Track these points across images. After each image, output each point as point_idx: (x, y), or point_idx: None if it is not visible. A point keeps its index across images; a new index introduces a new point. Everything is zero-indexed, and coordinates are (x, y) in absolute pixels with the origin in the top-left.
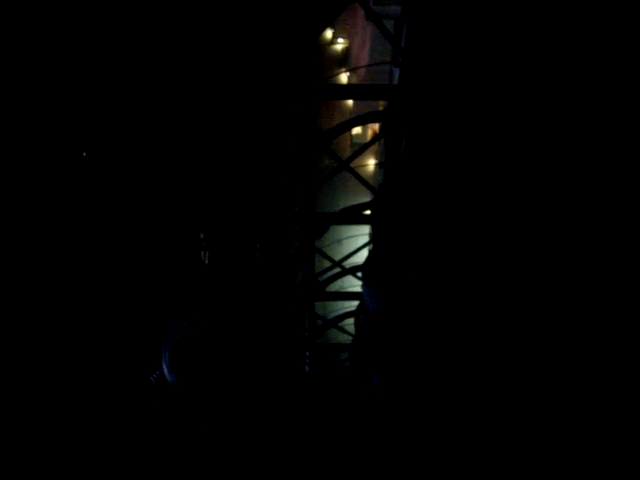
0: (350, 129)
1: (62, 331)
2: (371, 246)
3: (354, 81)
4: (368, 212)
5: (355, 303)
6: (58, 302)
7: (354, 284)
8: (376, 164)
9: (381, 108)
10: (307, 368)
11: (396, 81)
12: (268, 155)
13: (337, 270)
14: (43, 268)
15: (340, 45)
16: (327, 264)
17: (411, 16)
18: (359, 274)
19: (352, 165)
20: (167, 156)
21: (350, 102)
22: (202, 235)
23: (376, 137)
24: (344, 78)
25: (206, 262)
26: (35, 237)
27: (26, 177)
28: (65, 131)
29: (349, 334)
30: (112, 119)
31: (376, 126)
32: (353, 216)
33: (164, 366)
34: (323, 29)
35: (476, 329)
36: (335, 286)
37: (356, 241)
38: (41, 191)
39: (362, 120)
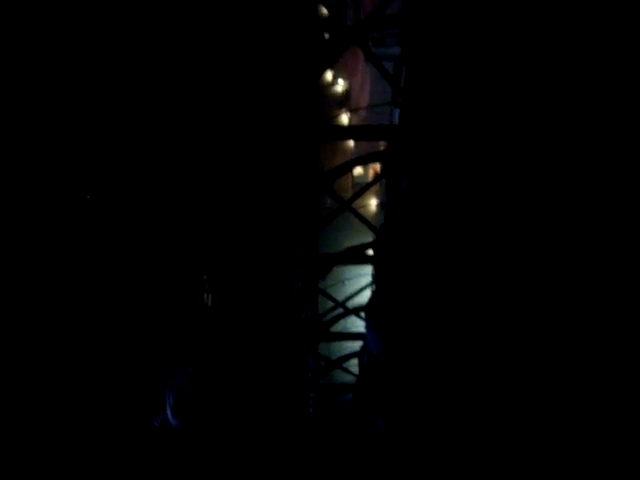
0: (351, 169)
1: (70, 373)
2: (374, 286)
3: (355, 122)
4: (371, 252)
5: (359, 343)
6: (63, 346)
7: (358, 324)
8: (378, 204)
9: (382, 148)
10: (311, 409)
11: (396, 121)
12: (271, 197)
13: (340, 311)
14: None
15: (340, 86)
16: (330, 304)
17: (410, 58)
18: (363, 314)
19: (354, 205)
20: (170, 197)
21: (351, 142)
22: (205, 277)
23: (377, 177)
24: (345, 119)
25: (209, 304)
26: (46, 291)
27: (33, 226)
28: (71, 176)
29: (353, 375)
30: (123, 166)
31: (377, 166)
32: (356, 256)
33: (168, 410)
34: (323, 71)
35: (477, 375)
36: (339, 326)
37: (359, 281)
38: (49, 238)
39: (363, 160)
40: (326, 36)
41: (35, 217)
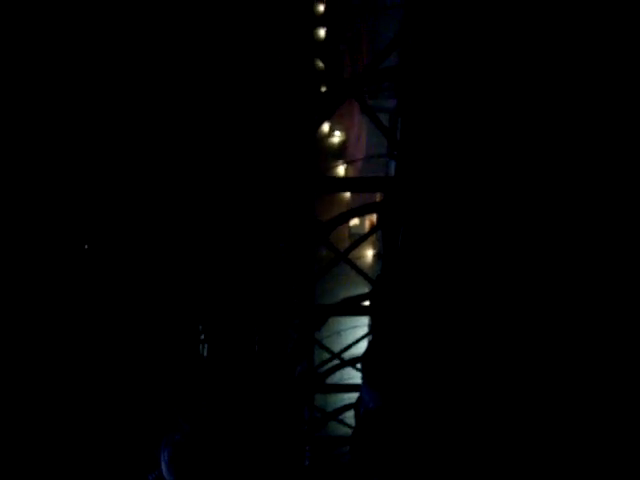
0: (348, 221)
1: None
2: (370, 337)
3: (351, 173)
4: (367, 303)
5: (356, 395)
6: (58, 398)
7: (354, 376)
8: (374, 255)
9: (378, 199)
10: (307, 462)
11: (392, 173)
12: (267, 247)
13: (337, 362)
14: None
15: (337, 138)
16: (326, 355)
17: (406, 111)
18: (359, 366)
19: (350, 256)
20: (167, 246)
21: (347, 193)
22: (201, 327)
23: (374, 229)
24: (341, 170)
25: (205, 354)
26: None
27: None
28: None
29: (350, 427)
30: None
31: (374, 216)
32: (352, 307)
33: (163, 465)
34: (321, 124)
35: (474, 435)
36: (335, 378)
37: (355, 332)
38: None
39: (359, 212)
40: (323, 89)
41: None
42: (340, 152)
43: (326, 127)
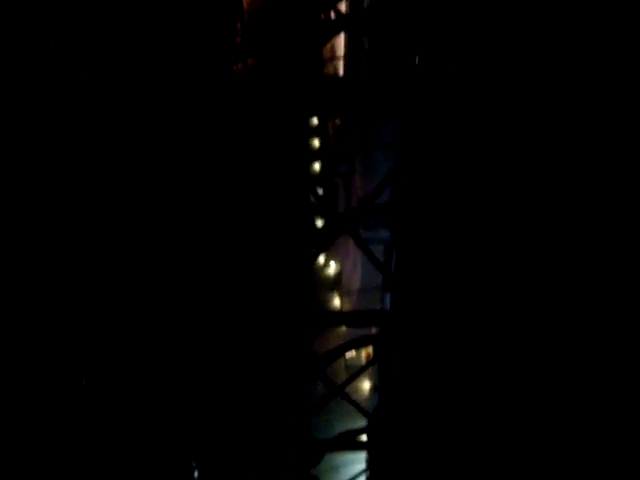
0: (344, 354)
1: None
2: (368, 473)
3: (347, 304)
4: (364, 438)
5: None
6: None
7: None
8: (371, 387)
9: (374, 330)
10: None
11: (387, 307)
12: (261, 382)
13: None
14: None
15: (332, 269)
16: None
17: (400, 245)
18: None
19: (347, 388)
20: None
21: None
22: (194, 464)
23: (370, 362)
24: (337, 301)
25: None
26: None
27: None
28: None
29: None
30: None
31: (370, 347)
32: (349, 442)
33: None
34: (316, 259)
35: None
36: None
37: (353, 468)
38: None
39: (356, 344)
40: (318, 221)
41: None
42: (335, 283)
43: (322, 258)
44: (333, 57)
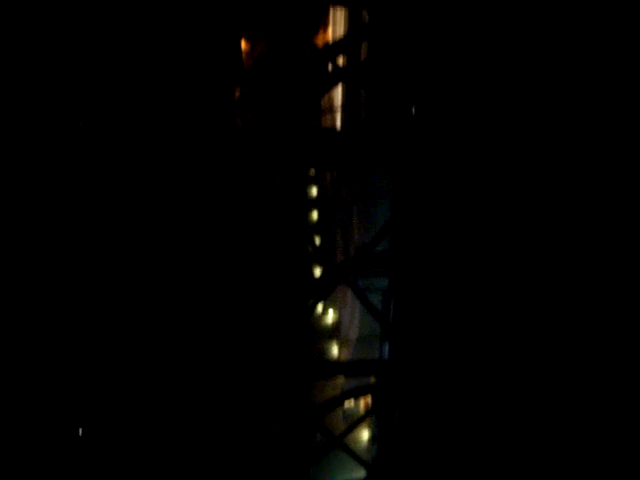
0: (342, 403)
1: None
2: None
3: (345, 353)
4: None
5: None
6: None
7: None
8: (369, 437)
9: (373, 380)
10: None
11: (386, 356)
12: (262, 433)
13: None
14: None
15: (330, 318)
16: None
17: (397, 291)
18: None
19: (345, 439)
20: None
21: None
22: None
23: (369, 411)
24: (335, 350)
25: None
26: None
27: None
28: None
29: None
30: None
31: (369, 396)
32: None
33: None
34: (314, 309)
35: None
36: None
37: None
38: None
39: (354, 394)
40: (316, 270)
41: None
42: (333, 331)
43: (320, 307)
44: (331, 108)
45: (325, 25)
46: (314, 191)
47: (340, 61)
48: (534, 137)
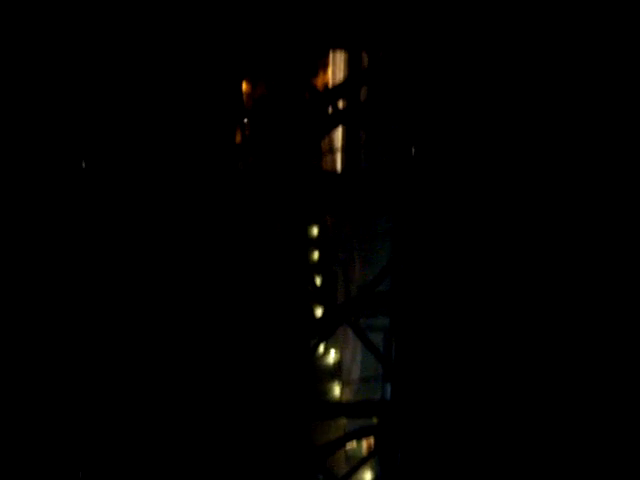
0: (344, 445)
1: None
2: None
3: (347, 393)
4: None
5: None
6: None
7: None
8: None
9: (375, 420)
10: None
11: (388, 397)
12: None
13: None
14: None
15: (332, 358)
16: None
17: (399, 331)
18: None
19: None
20: None
21: None
22: None
23: (371, 453)
24: (337, 390)
25: None
26: None
27: None
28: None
29: None
30: None
31: (371, 438)
32: None
33: None
34: (316, 350)
35: None
36: None
37: None
38: None
39: (356, 435)
40: (318, 310)
41: None
42: (335, 371)
43: (321, 347)
44: (331, 149)
45: (325, 67)
46: (315, 231)
47: (340, 103)
48: (536, 178)
